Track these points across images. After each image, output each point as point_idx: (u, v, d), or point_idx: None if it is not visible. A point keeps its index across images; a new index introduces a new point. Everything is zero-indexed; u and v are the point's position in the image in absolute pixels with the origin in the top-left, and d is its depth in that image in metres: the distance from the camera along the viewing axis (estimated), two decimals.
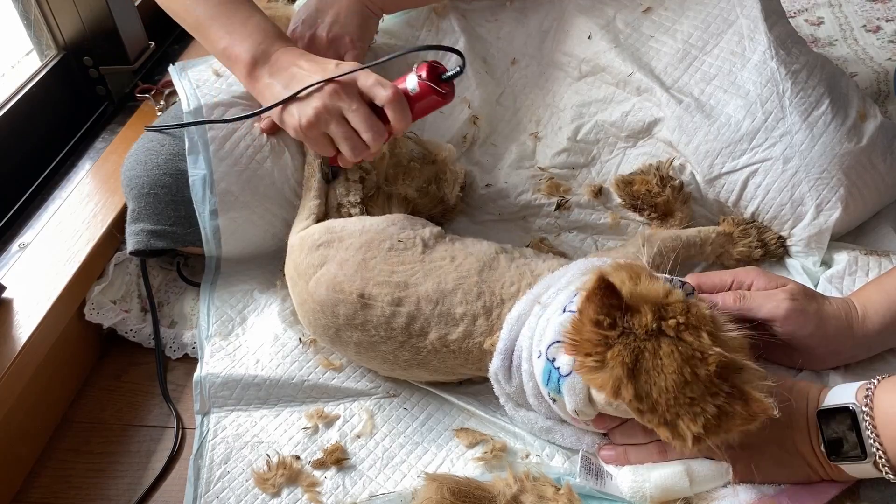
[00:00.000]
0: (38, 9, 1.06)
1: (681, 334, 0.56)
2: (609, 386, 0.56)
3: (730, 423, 0.55)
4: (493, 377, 0.70)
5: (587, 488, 0.67)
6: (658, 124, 0.89)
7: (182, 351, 0.87)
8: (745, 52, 0.87)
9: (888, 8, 1.33)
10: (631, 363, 0.56)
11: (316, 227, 0.80)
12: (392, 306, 0.72)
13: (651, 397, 0.55)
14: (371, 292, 0.73)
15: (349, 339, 0.74)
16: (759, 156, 0.83)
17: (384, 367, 0.77)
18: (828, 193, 0.82)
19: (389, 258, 0.75)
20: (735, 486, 0.64)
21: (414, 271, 0.74)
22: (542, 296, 0.70)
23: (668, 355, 0.55)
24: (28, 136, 1.02)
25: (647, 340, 0.56)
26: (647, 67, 0.91)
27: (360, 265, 0.74)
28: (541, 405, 0.68)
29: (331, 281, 0.74)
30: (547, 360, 0.64)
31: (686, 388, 0.55)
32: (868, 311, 0.70)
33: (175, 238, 0.86)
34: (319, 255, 0.77)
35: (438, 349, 0.71)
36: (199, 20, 0.82)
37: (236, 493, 0.71)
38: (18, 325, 0.77)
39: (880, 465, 0.58)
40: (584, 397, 0.62)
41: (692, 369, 0.55)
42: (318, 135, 0.78)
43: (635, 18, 0.94)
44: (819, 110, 0.83)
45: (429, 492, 0.64)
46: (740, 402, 0.55)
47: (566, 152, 0.92)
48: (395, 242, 0.76)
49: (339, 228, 0.79)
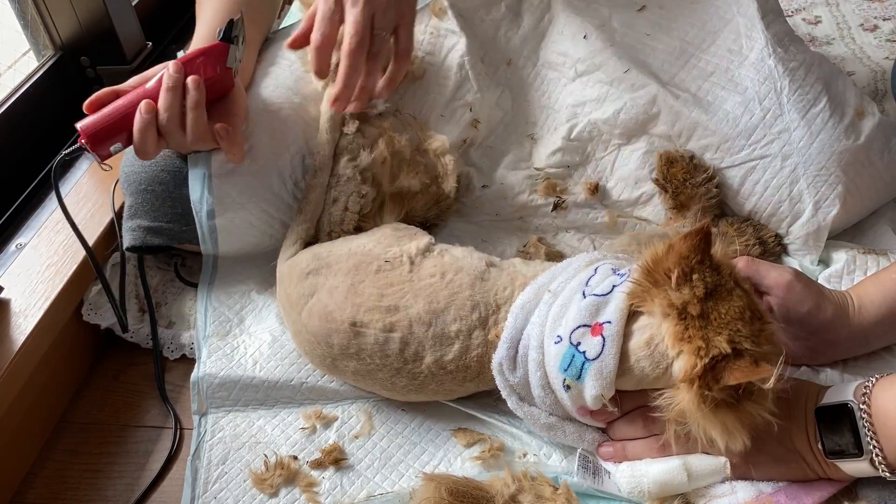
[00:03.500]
0: (35, 9, 1.06)
1: (749, 294, 0.62)
2: (679, 302, 0.60)
3: (734, 371, 0.57)
4: (497, 368, 0.69)
5: (585, 487, 0.67)
6: (653, 121, 0.88)
7: (180, 351, 0.87)
8: (742, 50, 0.87)
9: (885, 7, 1.33)
10: (711, 287, 0.60)
11: (303, 255, 0.79)
12: (384, 332, 0.71)
13: (708, 318, 0.59)
14: (362, 319, 0.71)
15: (346, 368, 0.74)
16: (758, 152, 0.83)
17: (384, 393, 0.76)
18: (826, 190, 0.82)
19: (378, 280, 0.73)
20: (733, 483, 0.65)
21: (403, 293, 0.72)
22: (551, 284, 0.70)
23: (739, 297, 0.61)
24: (25, 137, 1.02)
25: (729, 280, 0.61)
26: (644, 65, 0.91)
27: (349, 291, 0.73)
28: (546, 396, 0.68)
29: (322, 311, 0.73)
30: (570, 344, 0.64)
31: (740, 321, 0.59)
32: (864, 302, 0.71)
33: (172, 235, 0.86)
34: (309, 284, 0.76)
35: (435, 373, 0.71)
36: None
37: (234, 493, 0.71)
38: (16, 326, 0.77)
39: (877, 462, 0.58)
40: (610, 381, 0.63)
41: (751, 314, 0.60)
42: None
43: (631, 17, 0.94)
44: (817, 108, 0.83)
45: (427, 492, 0.64)
46: (753, 362, 0.58)
47: (561, 151, 0.92)
48: (382, 264, 0.74)
49: (325, 254, 0.77)
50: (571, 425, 0.69)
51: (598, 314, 0.64)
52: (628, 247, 0.79)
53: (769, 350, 0.59)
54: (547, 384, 0.67)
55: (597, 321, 0.64)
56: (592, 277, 0.69)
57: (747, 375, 0.56)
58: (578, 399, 0.65)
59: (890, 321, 0.71)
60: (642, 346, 0.62)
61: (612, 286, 0.66)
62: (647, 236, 0.81)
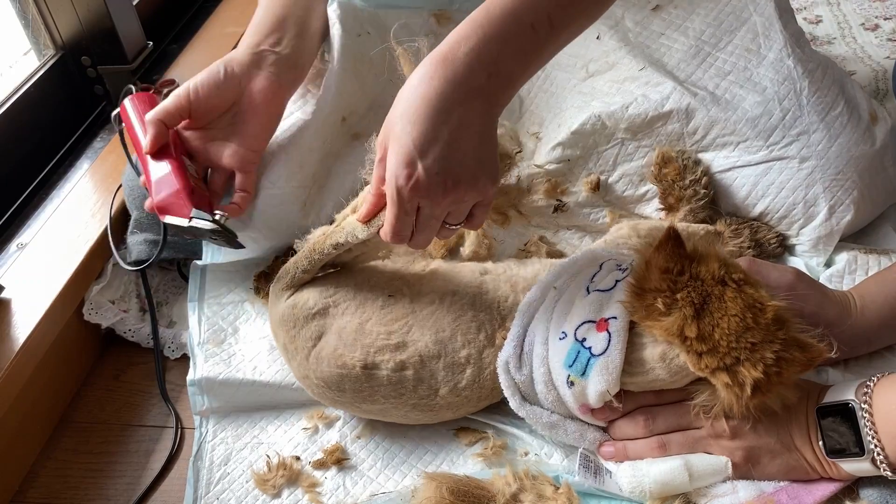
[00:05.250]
0: (36, 8, 1.06)
1: (742, 286, 0.60)
2: (674, 328, 0.59)
3: (789, 368, 0.58)
4: (503, 367, 0.69)
5: (586, 486, 0.67)
6: (663, 119, 0.86)
7: (181, 351, 0.87)
8: (760, 50, 0.86)
9: (886, 6, 1.33)
10: (699, 304, 0.59)
11: (307, 294, 0.73)
12: (397, 372, 0.69)
13: (713, 338, 0.58)
14: (373, 361, 0.69)
15: (359, 409, 0.73)
16: (776, 153, 0.82)
17: (399, 422, 0.75)
18: (842, 195, 0.81)
19: (384, 317, 0.71)
20: (734, 483, 0.65)
21: (409, 326, 0.71)
22: (556, 281, 0.70)
23: (732, 300, 0.58)
24: (26, 136, 1.02)
25: (715, 286, 0.59)
26: (659, 63, 0.90)
27: (357, 331, 0.71)
28: (549, 393, 0.68)
29: (331, 355, 0.70)
30: (575, 340, 0.64)
31: (748, 332, 0.58)
32: (866, 301, 0.71)
33: (177, 248, 0.86)
34: (316, 326, 0.72)
35: (451, 401, 0.71)
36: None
37: (236, 494, 0.71)
38: (17, 325, 0.77)
39: (878, 461, 0.58)
40: (616, 376, 0.63)
41: (753, 315, 0.58)
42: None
43: (644, 17, 0.93)
44: (836, 111, 0.82)
45: (428, 491, 0.64)
46: (797, 349, 0.58)
47: (561, 146, 0.89)
48: (385, 299, 0.73)
49: (332, 291, 0.74)
50: (573, 424, 0.69)
51: (603, 309, 0.65)
52: (629, 239, 0.79)
53: (791, 337, 0.59)
54: (550, 381, 0.67)
55: (602, 316, 0.64)
56: (597, 273, 0.69)
57: (806, 367, 0.57)
58: (581, 396, 0.65)
59: (892, 321, 0.71)
60: (657, 359, 0.63)
61: (615, 281, 0.66)
62: (646, 227, 0.80)
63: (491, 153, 0.63)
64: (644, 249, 0.63)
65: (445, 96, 0.59)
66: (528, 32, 0.61)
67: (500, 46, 0.61)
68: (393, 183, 0.60)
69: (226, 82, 0.78)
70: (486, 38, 0.60)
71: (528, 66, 0.63)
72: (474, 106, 0.60)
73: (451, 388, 0.70)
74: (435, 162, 0.59)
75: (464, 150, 0.60)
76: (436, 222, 0.64)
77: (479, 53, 0.60)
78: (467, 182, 0.61)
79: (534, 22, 0.61)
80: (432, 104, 0.59)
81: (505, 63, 0.61)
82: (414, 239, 0.65)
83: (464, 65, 0.60)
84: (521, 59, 0.62)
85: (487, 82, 0.61)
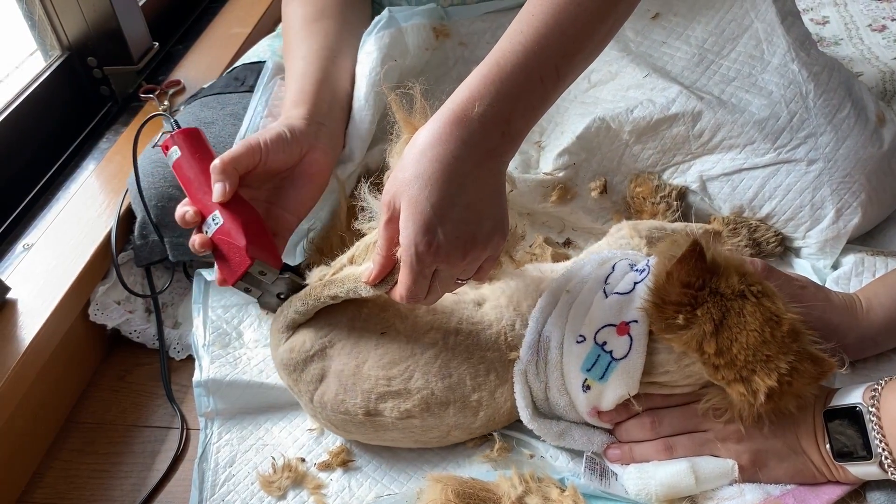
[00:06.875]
0: (43, 9, 1.06)
1: (760, 299, 0.60)
2: (693, 342, 0.59)
3: (801, 380, 0.58)
4: (520, 377, 0.68)
5: (592, 489, 0.66)
6: (668, 122, 0.86)
7: (186, 352, 0.87)
8: (763, 56, 0.86)
9: (894, 7, 1.33)
10: (718, 320, 0.59)
11: (304, 335, 0.71)
12: (403, 419, 0.68)
13: (731, 352, 0.59)
14: (376, 408, 0.68)
15: (371, 444, 0.73)
16: (784, 156, 0.82)
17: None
18: (849, 198, 0.81)
19: (380, 359, 0.69)
20: (741, 486, 0.64)
21: (410, 372, 0.68)
22: (568, 285, 0.70)
23: (751, 314, 0.59)
24: (32, 137, 1.02)
25: (734, 300, 0.60)
26: (663, 71, 0.90)
27: (355, 375, 0.69)
28: (560, 397, 0.68)
29: (333, 400, 0.69)
30: (595, 344, 0.64)
31: (764, 346, 0.58)
32: (873, 304, 0.71)
33: (185, 250, 0.86)
34: (315, 369, 0.70)
35: (464, 434, 0.71)
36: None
37: (241, 495, 0.71)
38: (23, 326, 0.77)
39: (886, 465, 0.58)
40: (636, 380, 0.63)
41: (770, 329, 0.59)
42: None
43: (644, 26, 0.93)
44: (843, 113, 0.82)
45: (433, 493, 0.64)
46: (809, 361, 0.59)
47: (567, 153, 0.88)
48: (379, 338, 0.70)
49: (326, 331, 0.71)
50: (579, 430, 0.69)
51: (623, 313, 0.64)
52: (630, 239, 0.78)
53: (804, 350, 0.59)
54: (562, 385, 0.67)
55: (622, 320, 0.64)
56: (611, 275, 0.68)
57: (816, 379, 0.58)
58: (595, 400, 0.65)
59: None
60: (672, 363, 0.63)
61: (633, 283, 0.66)
62: (646, 227, 0.80)
63: (503, 209, 0.63)
64: (664, 258, 0.62)
65: (462, 159, 0.58)
66: (537, 87, 0.60)
67: (512, 104, 0.60)
68: (413, 250, 0.59)
69: (291, 146, 0.76)
70: (500, 97, 0.59)
71: (535, 119, 0.63)
72: (489, 166, 0.60)
73: (465, 429, 0.70)
74: (454, 227, 0.58)
75: (480, 212, 0.60)
76: (451, 282, 0.64)
77: (493, 114, 0.59)
78: (483, 242, 0.61)
79: (543, 76, 0.60)
80: (450, 167, 0.58)
81: (516, 121, 0.60)
82: (427, 298, 0.64)
83: (479, 125, 0.59)
84: (529, 114, 0.62)
85: (501, 141, 0.60)
